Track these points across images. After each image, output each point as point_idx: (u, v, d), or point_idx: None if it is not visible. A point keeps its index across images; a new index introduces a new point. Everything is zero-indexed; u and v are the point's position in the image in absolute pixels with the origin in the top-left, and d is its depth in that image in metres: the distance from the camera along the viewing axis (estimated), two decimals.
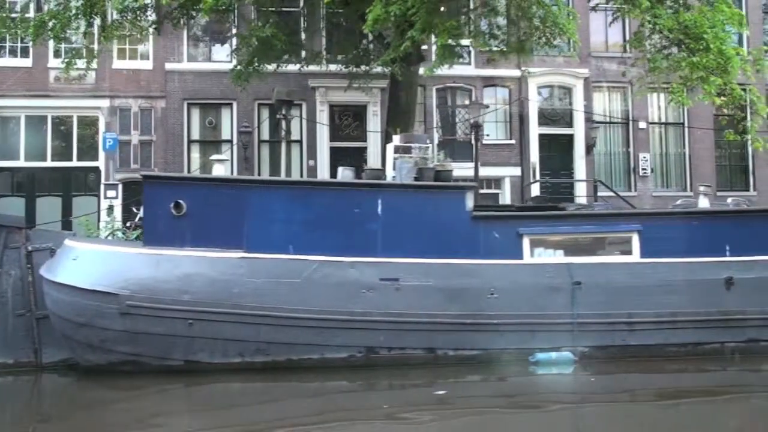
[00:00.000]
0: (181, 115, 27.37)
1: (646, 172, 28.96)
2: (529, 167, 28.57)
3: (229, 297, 12.59)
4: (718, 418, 11.20)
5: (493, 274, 13.26)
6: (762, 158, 29.32)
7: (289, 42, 22.54)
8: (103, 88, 26.82)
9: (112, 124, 26.77)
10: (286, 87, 26.19)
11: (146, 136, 27.10)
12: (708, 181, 27.58)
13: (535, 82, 28.84)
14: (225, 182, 13.68)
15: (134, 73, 27.23)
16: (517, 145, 28.77)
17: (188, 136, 27.55)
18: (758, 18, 29.93)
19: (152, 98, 27.25)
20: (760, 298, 13.61)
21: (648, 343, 13.36)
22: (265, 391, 12.48)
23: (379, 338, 12.93)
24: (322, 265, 12.91)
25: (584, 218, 14.35)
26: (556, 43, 22.21)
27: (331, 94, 26.97)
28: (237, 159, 27.14)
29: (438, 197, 13.67)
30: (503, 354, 13.18)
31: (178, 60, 27.40)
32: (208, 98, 27.39)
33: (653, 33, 18.68)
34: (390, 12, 16.16)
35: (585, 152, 28.72)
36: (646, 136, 29.29)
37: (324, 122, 27.54)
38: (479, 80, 28.52)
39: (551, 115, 29.23)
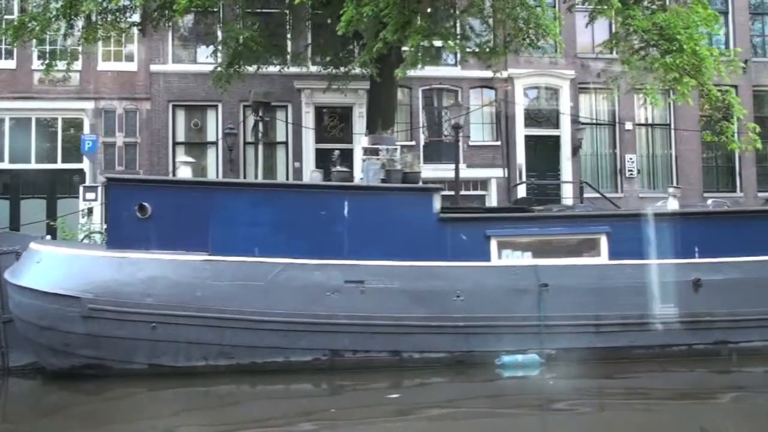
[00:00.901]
0: (166, 117, 27.35)
1: (633, 174, 28.90)
2: (515, 169, 28.45)
3: (192, 300, 12.53)
4: (685, 420, 11.14)
5: (459, 276, 13.20)
6: (749, 159, 29.30)
7: (270, 43, 22.46)
8: (88, 90, 26.82)
9: (97, 125, 26.73)
10: (271, 89, 26.27)
11: (131, 138, 27.07)
12: (694, 182, 27.75)
13: (521, 84, 28.77)
14: (190, 184, 13.60)
15: (119, 75, 27.21)
16: (503, 146, 28.62)
17: (173, 138, 27.54)
18: (744, 19, 29.83)
19: (137, 100, 27.22)
20: (728, 300, 13.46)
21: (615, 345, 13.28)
22: (229, 394, 12.41)
23: (344, 341, 12.87)
24: (287, 267, 12.85)
25: (552, 220, 14.29)
26: (541, 45, 22.12)
27: (317, 96, 26.91)
28: (222, 161, 27.07)
29: (404, 199, 13.62)
30: (469, 356, 13.08)
31: (163, 62, 27.37)
32: (193, 100, 27.37)
33: (629, 34, 18.60)
34: (363, 13, 16.07)
35: (571, 153, 28.66)
36: (633, 137, 29.23)
37: (310, 123, 27.48)
38: (465, 82, 28.41)
39: (537, 116, 29.14)
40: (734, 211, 15.24)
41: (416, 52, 16.44)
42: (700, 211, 14.42)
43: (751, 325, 13.62)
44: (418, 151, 28.03)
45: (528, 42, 21.63)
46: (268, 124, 22.00)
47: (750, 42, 30.25)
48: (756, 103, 29.86)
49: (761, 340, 13.70)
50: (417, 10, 16.52)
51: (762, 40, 31.07)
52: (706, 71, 17.03)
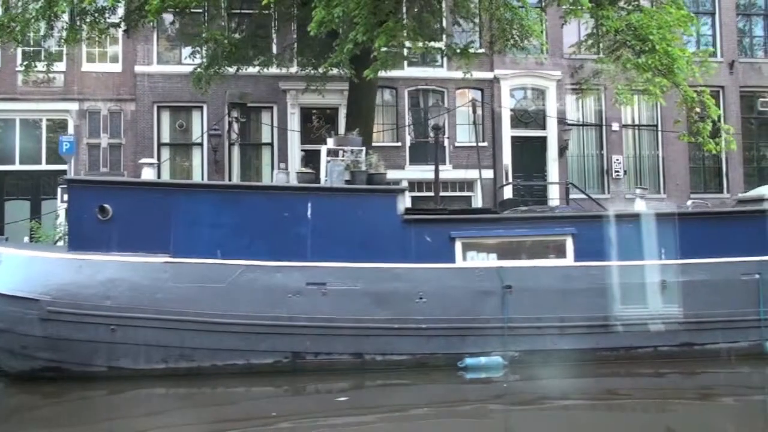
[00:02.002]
0: (151, 118, 27.29)
1: (619, 175, 28.82)
2: (501, 170, 28.40)
3: (152, 302, 12.47)
4: (650, 421, 11.18)
5: (422, 278, 13.14)
6: (736, 160, 29.25)
7: (249, 44, 22.43)
8: (72, 91, 26.78)
9: (82, 127, 26.71)
10: (255, 90, 26.30)
11: (116, 139, 27.04)
12: (681, 183, 27.68)
13: (507, 85, 28.72)
14: (152, 186, 13.53)
15: (104, 76, 27.16)
16: (489, 147, 28.57)
17: (158, 139, 27.47)
18: (731, 20, 29.74)
19: (122, 101, 27.18)
20: (694, 302, 13.39)
21: (579, 347, 13.21)
22: (188, 397, 12.35)
23: (305, 343, 12.81)
24: (248, 269, 12.80)
25: (518, 221, 14.20)
26: (525, 45, 22.06)
27: (302, 97, 26.78)
28: (207, 162, 27.04)
29: (368, 200, 13.55)
30: (432, 359, 13.02)
31: (148, 63, 27.31)
32: (178, 101, 27.28)
33: (603, 35, 18.54)
34: (333, 14, 16.02)
35: (558, 154, 28.59)
36: (620, 138, 29.15)
37: (295, 124, 27.46)
38: (451, 83, 28.35)
39: (524, 117, 29.07)
40: (701, 213, 15.12)
41: (386, 53, 16.30)
42: (666, 213, 14.24)
43: (716, 327, 13.50)
44: (405, 151, 28.03)
45: (512, 43, 21.56)
46: (244, 125, 21.80)
47: (737, 42, 30.06)
48: (743, 104, 29.75)
49: (726, 342, 13.58)
50: (387, 10, 16.40)
51: (749, 40, 30.87)
52: (679, 72, 16.91)
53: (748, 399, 12.69)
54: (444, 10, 22.79)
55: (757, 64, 30.23)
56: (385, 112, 28.72)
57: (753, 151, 30.49)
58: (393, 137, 28.39)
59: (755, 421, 11.41)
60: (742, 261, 13.78)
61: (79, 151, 26.52)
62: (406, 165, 27.90)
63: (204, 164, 27.33)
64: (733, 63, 29.59)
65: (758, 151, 30.49)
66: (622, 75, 18.89)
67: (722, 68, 29.45)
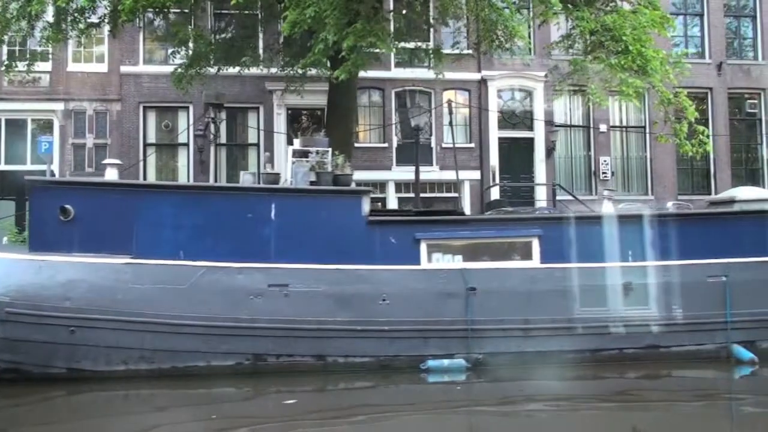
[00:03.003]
0: (136, 118, 27.32)
1: (607, 176, 28.74)
2: (488, 171, 28.33)
3: (112, 303, 12.40)
4: (615, 424, 11.11)
5: (386, 279, 13.07)
6: (724, 162, 29.21)
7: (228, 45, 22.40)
8: (58, 91, 26.82)
9: (67, 127, 26.71)
10: (242, 90, 26.32)
11: (101, 140, 27.05)
12: (669, 184, 27.59)
13: (494, 86, 28.68)
14: (114, 186, 13.41)
15: (89, 76, 27.19)
16: (476, 148, 28.53)
17: (144, 140, 27.48)
18: (719, 21, 29.65)
19: (108, 101, 27.20)
20: (660, 304, 13.33)
21: (544, 349, 13.12)
22: (149, 399, 12.28)
23: (267, 345, 12.74)
24: (209, 270, 12.73)
25: (483, 223, 14.16)
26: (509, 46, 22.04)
27: (289, 98, 26.70)
28: (193, 162, 27.01)
29: (332, 202, 13.48)
30: (395, 361, 12.95)
31: (134, 63, 27.32)
32: (164, 101, 27.29)
33: (578, 36, 18.49)
34: (306, 15, 15.98)
35: (545, 155, 28.53)
36: (607, 139, 29.09)
37: (282, 125, 27.45)
38: (439, 83, 28.20)
39: (511, 118, 29.02)
40: (668, 215, 15.03)
41: (358, 54, 16.24)
42: (633, 214, 14.18)
43: (682, 329, 13.43)
44: (392, 152, 28.00)
45: (497, 44, 21.53)
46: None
47: (725, 44, 29.98)
48: (731, 106, 29.68)
49: (693, 344, 13.51)
50: (357, 11, 16.34)
51: (738, 42, 30.79)
52: (653, 72, 16.83)
53: (714, 402, 12.54)
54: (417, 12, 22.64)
55: (746, 65, 30.12)
56: (372, 112, 28.70)
57: (741, 153, 30.39)
58: (380, 138, 28.40)
59: (720, 424, 11.40)
60: (708, 263, 13.67)
61: (65, 152, 26.61)
62: (393, 166, 27.88)
63: (190, 165, 27.25)
64: (721, 64, 29.53)
65: (746, 152, 30.38)
66: (596, 75, 18.77)
67: (710, 70, 29.45)
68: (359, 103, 28.12)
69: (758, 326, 13.69)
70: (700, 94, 29.76)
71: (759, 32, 30.39)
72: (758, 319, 13.66)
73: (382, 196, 28.19)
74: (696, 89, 29.14)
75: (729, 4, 30.51)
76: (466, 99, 28.87)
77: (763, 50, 30.34)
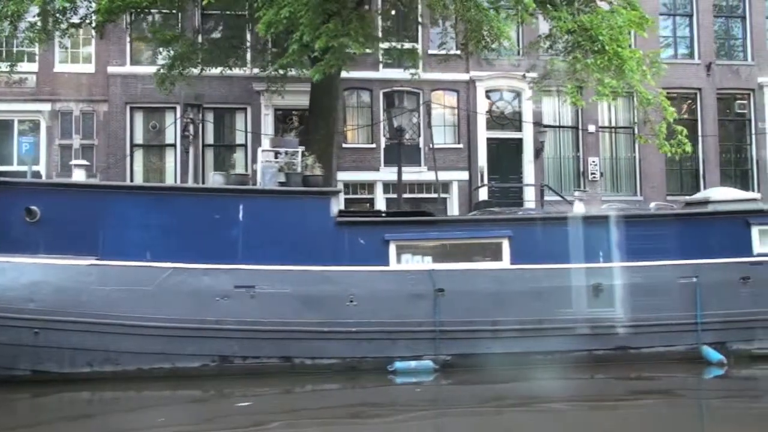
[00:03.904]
0: (123, 119, 27.29)
1: (596, 177, 28.66)
2: (477, 171, 28.27)
3: (76, 305, 12.32)
4: (584, 425, 11.03)
5: (353, 281, 12.99)
6: (712, 162, 29.14)
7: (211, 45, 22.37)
8: (45, 92, 26.82)
9: (54, 127, 26.67)
10: (229, 91, 26.26)
11: (88, 140, 27.06)
12: (658, 185, 27.50)
13: (483, 86, 28.63)
14: (80, 187, 13.34)
15: (76, 77, 27.20)
16: (465, 149, 28.48)
17: (131, 140, 27.41)
18: (708, 21, 29.58)
19: (94, 102, 27.21)
20: (630, 305, 13.25)
21: (513, 350, 13.02)
22: (113, 401, 12.20)
23: (232, 347, 12.67)
24: (175, 272, 12.66)
25: (453, 224, 14.10)
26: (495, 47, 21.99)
27: (276, 98, 26.62)
28: (180, 163, 26.95)
29: (300, 203, 13.39)
30: (362, 362, 12.89)
31: (121, 63, 27.30)
32: (151, 102, 27.19)
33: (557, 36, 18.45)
34: (281, 15, 15.93)
35: (534, 156, 28.46)
36: (596, 140, 29.00)
37: (269, 125, 27.41)
38: (427, 84, 28.23)
39: (499, 119, 28.96)
40: (640, 215, 14.92)
41: (332, 55, 16.18)
42: (604, 216, 14.09)
43: (653, 330, 13.35)
44: (380, 153, 27.95)
45: (483, 45, 21.47)
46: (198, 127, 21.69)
47: (714, 44, 29.90)
48: (720, 106, 29.61)
49: (663, 345, 13.44)
50: (332, 11, 16.29)
51: (727, 43, 30.71)
52: (631, 73, 16.75)
53: (683, 403, 12.52)
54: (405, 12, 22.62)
55: (735, 66, 30.03)
56: (361, 113, 28.66)
57: (731, 153, 30.30)
58: (368, 139, 28.35)
59: (688, 425, 11.34)
60: (679, 264, 13.59)
61: (51, 152, 26.55)
62: (381, 167, 27.81)
63: (177, 165, 27.19)
64: (710, 65, 29.44)
65: (736, 153, 30.29)
66: (572, 76, 18.70)
67: (699, 70, 29.39)
68: (348, 104, 28.22)
69: (729, 327, 13.62)
70: (689, 95, 29.70)
71: (748, 33, 30.30)
72: (729, 321, 13.58)
73: (371, 197, 28.14)
74: (685, 90, 29.16)
75: (718, 4, 30.37)
76: (454, 99, 28.76)
77: (752, 51, 30.22)
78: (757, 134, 29.66)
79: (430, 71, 27.91)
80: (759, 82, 29.79)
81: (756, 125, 29.86)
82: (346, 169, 27.80)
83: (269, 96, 26.43)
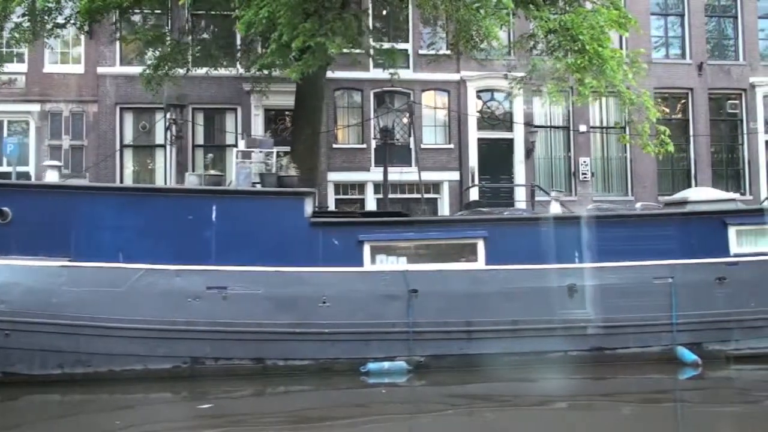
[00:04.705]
0: (113, 120, 27.20)
1: (587, 177, 28.60)
2: (468, 172, 28.21)
3: (47, 306, 12.29)
4: (557, 426, 11.02)
5: (326, 281, 12.94)
6: (704, 162, 29.05)
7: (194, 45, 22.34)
8: (34, 93, 26.74)
9: (43, 128, 26.62)
10: (219, 91, 26.22)
11: (78, 141, 26.98)
12: (649, 185, 27.43)
13: (473, 86, 28.56)
14: (52, 188, 13.29)
15: (66, 77, 27.11)
16: (456, 149, 28.42)
17: (121, 141, 27.33)
18: (700, 21, 29.51)
19: (84, 102, 27.11)
20: (605, 306, 13.18)
21: (488, 351, 12.99)
22: (84, 403, 12.13)
23: (204, 348, 12.63)
24: (147, 273, 12.61)
25: (428, 225, 14.02)
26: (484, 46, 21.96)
27: (266, 98, 26.57)
28: (170, 163, 26.90)
29: (274, 203, 13.34)
30: (335, 364, 12.84)
31: (111, 64, 27.22)
32: (141, 102, 27.04)
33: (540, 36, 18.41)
34: (260, 15, 15.89)
35: (525, 156, 28.40)
36: (587, 140, 28.91)
37: (259, 126, 27.35)
38: (418, 84, 28.20)
39: (490, 119, 28.91)
40: (616, 216, 14.85)
41: (311, 55, 16.13)
42: (580, 216, 14.03)
43: (628, 331, 13.30)
44: (370, 153, 27.90)
45: (472, 45, 21.44)
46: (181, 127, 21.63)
47: (706, 44, 29.83)
48: (712, 106, 29.53)
49: (638, 346, 13.38)
50: (309, 11, 16.24)
51: (718, 42, 30.64)
52: (611, 73, 16.67)
53: (658, 405, 12.39)
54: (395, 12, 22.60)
55: (726, 66, 29.94)
56: (352, 113, 28.61)
57: (722, 153, 30.22)
58: (358, 139, 28.31)
59: (663, 426, 11.25)
60: (654, 264, 13.53)
61: (41, 153, 26.46)
62: (371, 167, 27.74)
63: (167, 166, 27.13)
64: (701, 65, 29.35)
65: (728, 153, 30.20)
66: (554, 75, 18.64)
67: (691, 70, 29.30)
68: (338, 104, 28.17)
69: (705, 328, 13.56)
70: (681, 95, 29.63)
71: (740, 32, 30.20)
72: (705, 321, 13.52)
73: (361, 198, 28.09)
74: (677, 89, 29.08)
75: (711, 4, 30.29)
76: (445, 99, 28.71)
77: (744, 50, 30.13)
78: (749, 134, 29.54)
79: (421, 71, 27.94)
80: (751, 82, 29.67)
81: (748, 125, 29.75)
82: (337, 169, 27.79)
83: (259, 96, 26.34)
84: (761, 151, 29.78)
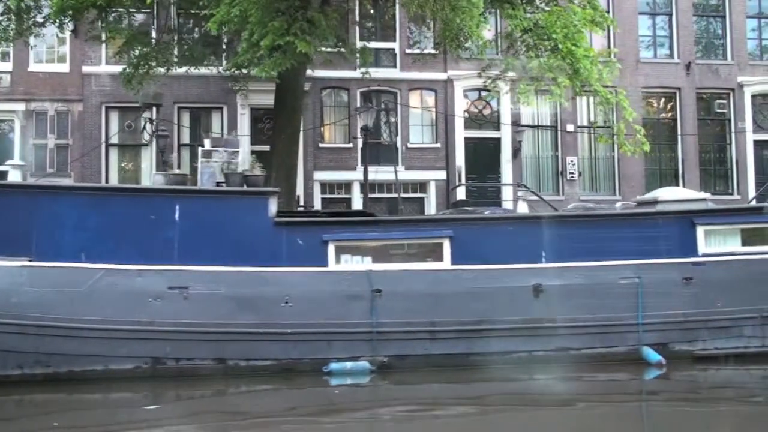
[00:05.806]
0: (99, 119, 27.22)
1: (574, 176, 28.52)
2: (455, 171, 28.15)
3: (6, 306, 12.21)
4: (521, 427, 10.96)
5: (289, 281, 12.86)
6: (692, 162, 28.97)
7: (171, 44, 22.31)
8: (19, 92, 26.77)
9: (28, 127, 26.59)
10: (206, 90, 26.17)
11: (63, 140, 26.96)
12: (636, 184, 27.30)
13: (461, 85, 28.50)
14: (14, 188, 13.23)
15: (51, 76, 27.13)
16: (442, 148, 28.37)
17: (106, 140, 27.22)
18: (688, 21, 29.43)
19: (69, 101, 27.12)
20: (569, 306, 13.10)
21: (451, 351, 12.92)
22: (44, 404, 12.04)
23: (165, 349, 12.55)
24: (108, 273, 12.53)
25: (393, 224, 13.93)
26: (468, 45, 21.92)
27: (252, 97, 26.58)
28: (156, 163, 26.85)
29: (238, 202, 13.26)
30: (298, 364, 12.77)
31: (96, 63, 27.20)
32: (126, 101, 26.93)
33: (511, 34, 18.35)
34: (232, 14, 15.84)
35: (512, 156, 28.34)
36: (574, 139, 28.85)
37: (245, 125, 27.35)
38: (404, 83, 28.18)
39: (477, 118, 28.83)
40: (583, 216, 14.73)
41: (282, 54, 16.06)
42: (546, 215, 13.95)
43: (593, 331, 13.21)
44: (356, 153, 27.87)
45: (456, 44, 21.40)
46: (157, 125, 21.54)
47: (694, 44, 29.75)
48: (700, 106, 29.46)
49: (604, 346, 13.31)
50: (280, 9, 16.17)
51: (706, 42, 30.55)
52: (585, 72, 16.59)
53: (623, 405, 12.27)
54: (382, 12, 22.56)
55: (714, 65, 29.86)
56: (338, 112, 28.56)
57: (710, 153, 30.13)
58: (345, 138, 28.27)
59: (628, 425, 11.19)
60: (621, 264, 13.44)
61: (26, 152, 26.44)
62: (358, 166, 27.65)
63: (152, 165, 27.09)
64: (689, 64, 29.26)
65: (715, 152, 30.12)
66: (527, 74, 18.58)
67: (679, 69, 29.22)
68: (325, 104, 28.13)
69: (671, 328, 13.49)
70: (669, 94, 29.55)
71: (728, 32, 30.15)
72: (671, 321, 13.45)
73: (347, 197, 28.04)
74: (665, 89, 29.00)
75: (699, 3, 30.22)
76: (432, 99, 28.67)
77: (732, 50, 30.04)
78: (737, 134, 29.46)
79: (408, 71, 27.91)
80: (739, 82, 29.62)
81: (736, 125, 29.68)
82: (324, 168, 27.79)
83: (245, 95, 26.31)
84: (749, 151, 29.72)
